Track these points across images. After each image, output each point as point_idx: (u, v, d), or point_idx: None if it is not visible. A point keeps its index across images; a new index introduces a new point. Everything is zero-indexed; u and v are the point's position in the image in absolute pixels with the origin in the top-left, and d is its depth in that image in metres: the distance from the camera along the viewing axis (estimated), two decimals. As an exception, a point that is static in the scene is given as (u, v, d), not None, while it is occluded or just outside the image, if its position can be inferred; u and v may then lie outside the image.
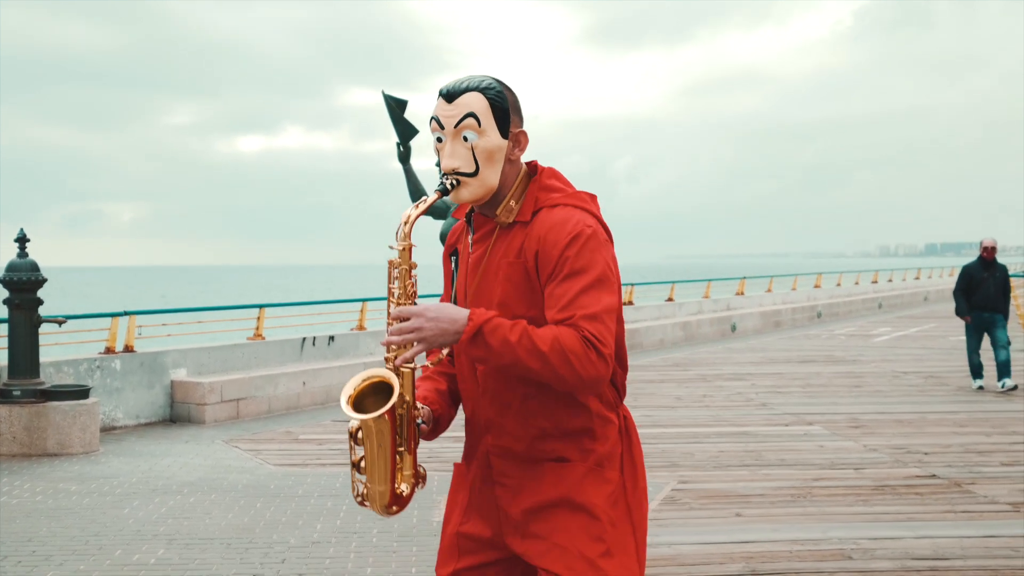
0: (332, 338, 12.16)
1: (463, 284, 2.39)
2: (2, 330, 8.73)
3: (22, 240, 8.41)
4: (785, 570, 4.92)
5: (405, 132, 8.16)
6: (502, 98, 2.27)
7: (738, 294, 23.27)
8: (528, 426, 2.29)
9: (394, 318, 2.21)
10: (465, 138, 2.26)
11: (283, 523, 5.89)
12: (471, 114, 2.25)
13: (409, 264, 2.28)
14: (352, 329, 13.04)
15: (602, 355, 2.13)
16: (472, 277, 2.35)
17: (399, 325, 2.19)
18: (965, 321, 11.64)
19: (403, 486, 2.29)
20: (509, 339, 2.12)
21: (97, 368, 9.42)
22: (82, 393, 8.36)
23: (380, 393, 2.26)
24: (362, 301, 13.26)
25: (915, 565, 4.98)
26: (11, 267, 8.34)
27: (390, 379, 2.24)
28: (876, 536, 5.48)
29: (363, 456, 2.28)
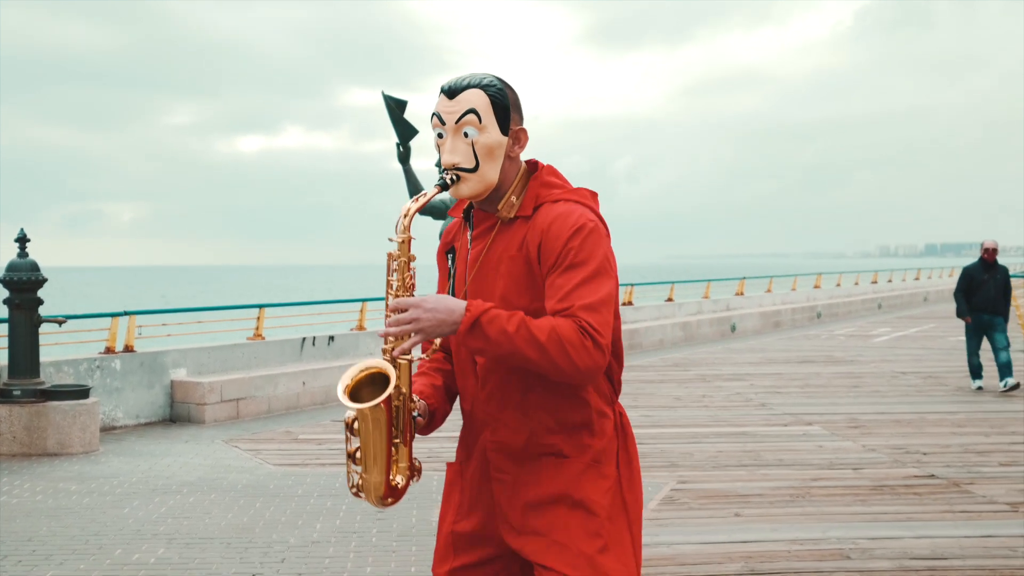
0: (332, 338, 12.17)
1: (462, 280, 2.40)
2: (2, 330, 8.74)
3: (22, 240, 8.42)
4: (784, 570, 4.93)
5: (405, 132, 8.18)
6: (503, 95, 2.29)
7: (738, 294, 23.27)
8: (529, 420, 2.31)
9: (392, 310, 2.22)
10: (466, 134, 2.27)
11: (283, 523, 5.91)
12: (472, 110, 2.27)
13: (408, 256, 2.29)
14: (352, 329, 13.05)
15: (599, 345, 2.15)
16: (472, 273, 2.37)
17: (397, 316, 2.20)
18: (965, 322, 11.63)
19: (398, 478, 2.29)
20: (507, 329, 2.13)
21: (97, 368, 9.43)
22: (82, 393, 8.37)
23: (377, 384, 2.27)
24: (362, 301, 13.27)
25: (913, 565, 4.99)
26: (11, 267, 8.36)
27: (387, 370, 2.24)
28: (874, 536, 5.49)
29: (359, 447, 2.28)
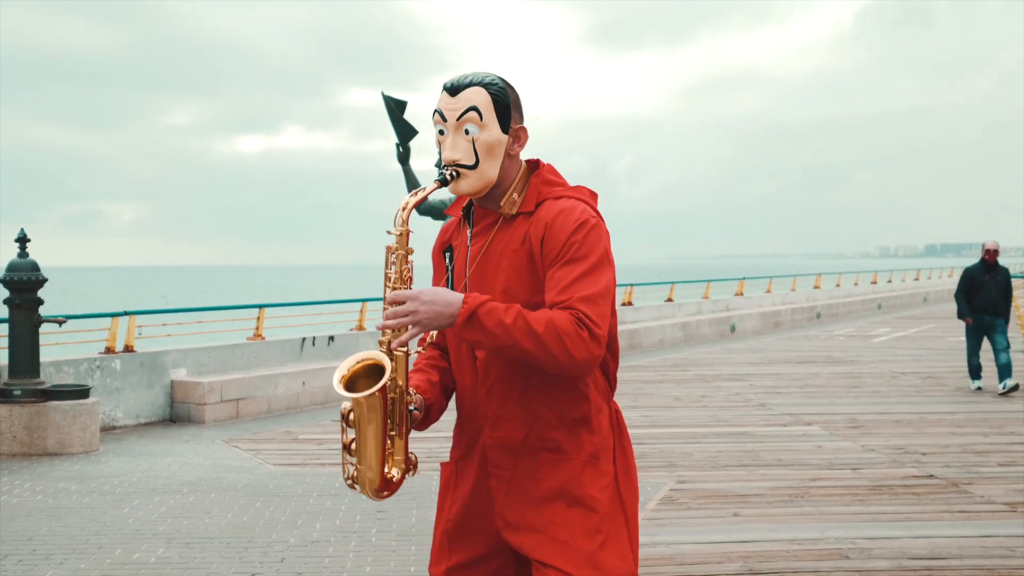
0: (332, 338, 12.18)
1: (461, 276, 2.41)
2: (3, 330, 8.75)
3: (23, 240, 8.43)
4: (782, 569, 4.94)
5: (404, 133, 8.21)
6: (504, 94, 2.32)
7: (737, 295, 23.28)
8: (529, 414, 2.32)
9: (390, 302, 2.23)
10: (467, 131, 2.30)
11: (282, 522, 5.92)
12: (473, 108, 2.29)
13: (406, 250, 2.31)
14: (352, 329, 13.06)
15: (595, 336, 2.17)
16: (472, 268, 2.38)
17: (394, 309, 2.21)
18: (966, 323, 11.60)
19: (394, 471, 2.30)
20: (504, 321, 2.15)
21: (97, 368, 9.44)
22: (82, 393, 8.38)
23: (373, 376, 2.28)
24: (362, 301, 13.28)
25: (911, 564, 5.00)
26: (12, 267, 8.37)
27: (383, 361, 2.25)
28: (873, 536, 5.50)
29: (354, 438, 2.29)
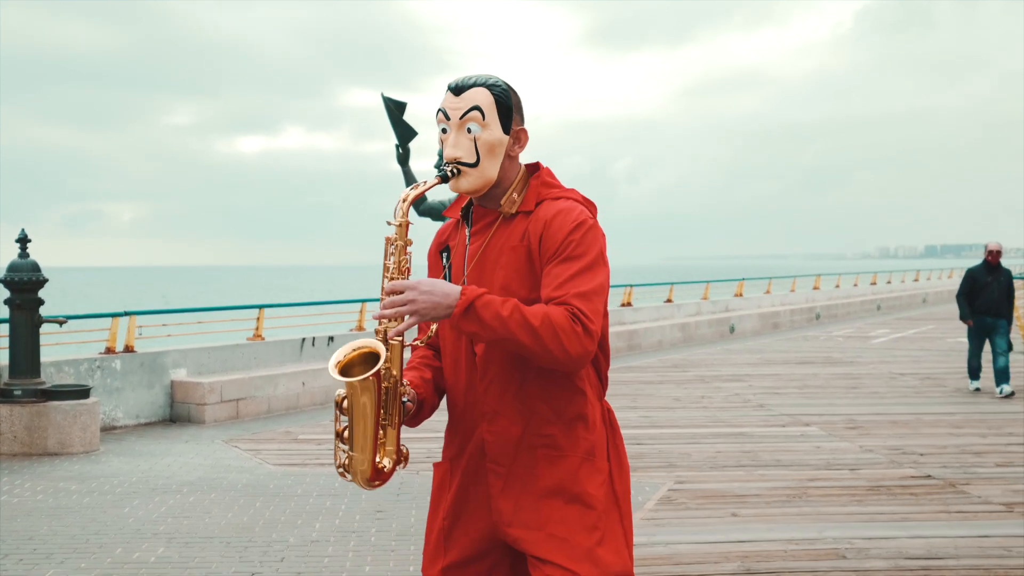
0: (332, 339, 12.19)
1: (459, 273, 2.44)
2: (3, 330, 8.77)
3: (23, 240, 8.45)
4: (780, 569, 4.96)
5: (404, 134, 8.22)
6: (507, 96, 2.37)
7: (737, 295, 23.31)
8: (526, 409, 2.35)
9: (387, 291, 2.25)
10: (469, 130, 2.35)
11: (282, 522, 5.94)
12: (476, 107, 2.34)
13: (405, 241, 2.34)
14: (351, 330, 13.08)
15: (588, 331, 2.21)
16: (471, 266, 2.41)
17: (392, 298, 2.24)
18: (967, 325, 11.57)
19: (385, 460, 2.32)
20: (501, 313, 2.18)
21: (97, 368, 9.46)
22: (82, 393, 8.40)
23: (368, 363, 2.30)
24: (361, 302, 13.30)
25: (908, 564, 5.02)
26: (12, 267, 8.39)
27: (378, 349, 2.28)
28: (870, 536, 5.52)
29: (347, 426, 2.31)
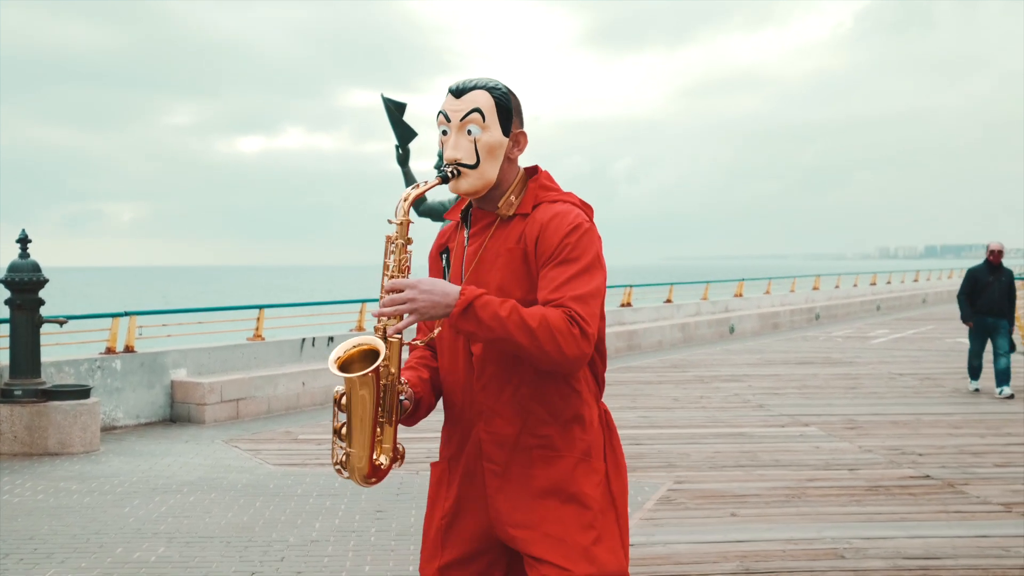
0: (331, 339, 12.20)
1: (458, 274, 2.47)
2: (4, 330, 8.79)
3: (24, 241, 8.47)
4: (778, 569, 4.97)
5: (404, 135, 8.23)
6: (507, 99, 2.40)
7: (736, 296, 23.31)
8: (522, 410, 2.37)
9: (387, 289, 2.27)
10: (469, 131, 2.37)
11: (282, 522, 5.95)
12: (477, 109, 2.37)
13: (405, 239, 2.36)
14: (351, 330, 13.09)
15: (585, 333, 2.23)
16: (469, 267, 2.43)
17: (392, 296, 2.25)
18: (968, 326, 11.53)
19: (382, 458, 2.34)
20: (499, 314, 2.20)
21: (98, 368, 9.47)
22: (83, 393, 8.42)
23: (367, 361, 2.31)
24: (361, 302, 13.32)
25: (906, 564, 5.03)
26: (13, 268, 8.41)
27: (378, 346, 2.29)
28: (869, 536, 5.53)
29: (345, 423, 2.33)
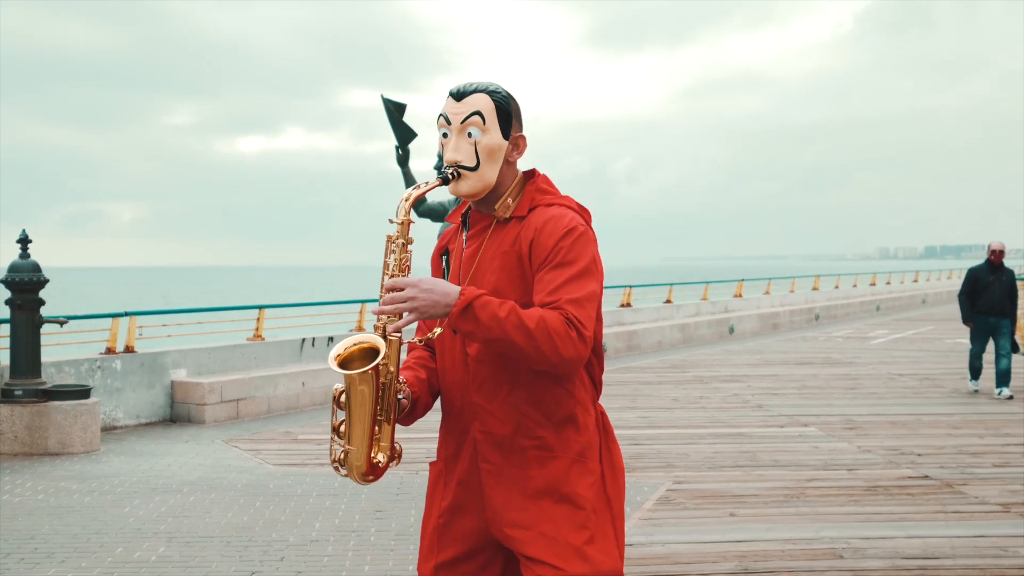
0: (331, 339, 12.21)
1: (456, 276, 2.48)
2: (4, 330, 8.79)
3: (24, 241, 8.48)
4: (777, 569, 4.99)
5: (404, 135, 8.23)
6: (507, 102, 2.42)
7: (736, 296, 23.32)
8: (517, 411, 2.39)
9: (388, 288, 2.29)
10: (469, 134, 2.39)
11: (282, 522, 5.96)
12: (477, 112, 2.38)
13: (406, 238, 2.38)
14: (351, 330, 13.10)
15: (583, 336, 2.25)
16: (467, 270, 2.45)
17: (392, 295, 2.27)
18: (968, 326, 11.50)
19: (380, 456, 2.36)
20: (498, 314, 2.22)
21: (98, 368, 9.49)
22: (83, 393, 8.43)
23: (367, 359, 2.33)
24: (361, 302, 13.33)
25: (905, 564, 5.05)
26: (13, 268, 8.41)
27: (378, 344, 2.31)
28: (867, 536, 5.54)
29: (343, 420, 2.35)
